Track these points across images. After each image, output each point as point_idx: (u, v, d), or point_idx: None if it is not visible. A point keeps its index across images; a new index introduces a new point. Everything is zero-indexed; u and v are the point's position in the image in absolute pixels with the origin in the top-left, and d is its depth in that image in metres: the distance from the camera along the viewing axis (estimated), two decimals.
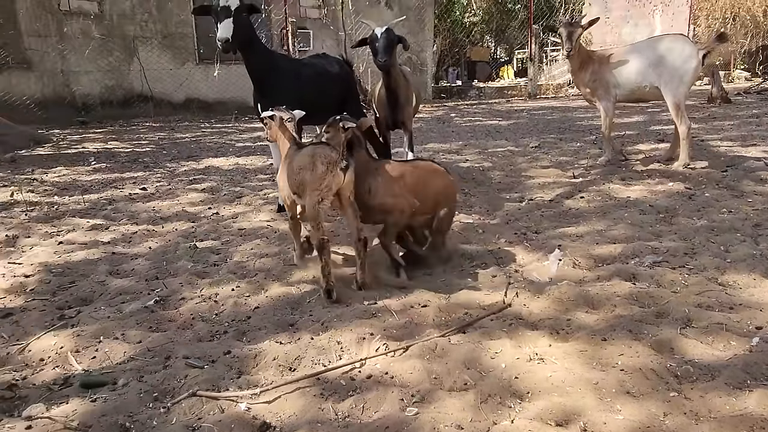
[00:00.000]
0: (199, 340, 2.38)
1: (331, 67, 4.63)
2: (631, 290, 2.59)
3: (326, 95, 4.40)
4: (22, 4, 12.25)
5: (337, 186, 2.73)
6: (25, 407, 1.88)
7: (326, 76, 4.48)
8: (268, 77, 4.05)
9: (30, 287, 3.02)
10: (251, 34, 3.96)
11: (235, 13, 3.73)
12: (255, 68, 4.05)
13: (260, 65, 4.04)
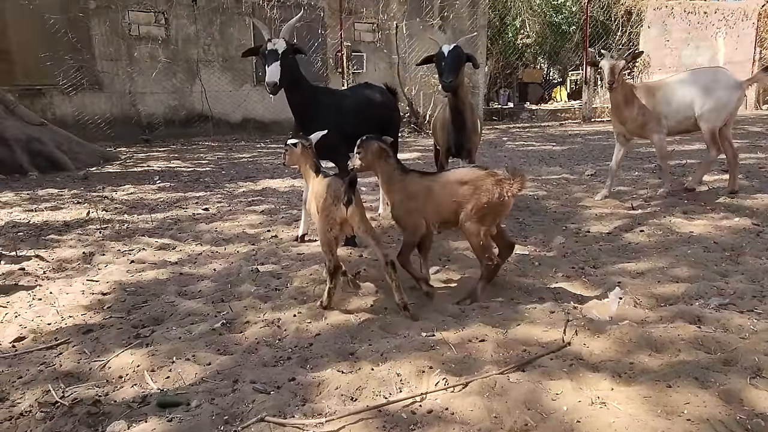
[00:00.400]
0: (264, 365, 2.48)
1: (373, 96, 4.69)
2: (696, 334, 2.53)
3: (368, 124, 4.45)
4: (97, 30, 13.08)
5: (341, 219, 2.89)
6: (108, 423, 2.02)
7: (368, 106, 4.52)
8: (309, 112, 4.10)
9: (107, 305, 3.23)
10: (296, 75, 4.02)
11: (282, 56, 3.83)
12: (297, 104, 4.09)
13: (303, 101, 4.09)
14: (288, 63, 3.88)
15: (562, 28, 24.96)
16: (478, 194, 2.91)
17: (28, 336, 2.82)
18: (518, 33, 23.62)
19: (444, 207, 3.01)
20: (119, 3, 13.20)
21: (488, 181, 2.92)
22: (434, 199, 3.03)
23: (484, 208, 2.91)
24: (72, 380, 2.38)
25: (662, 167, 5.56)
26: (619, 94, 5.23)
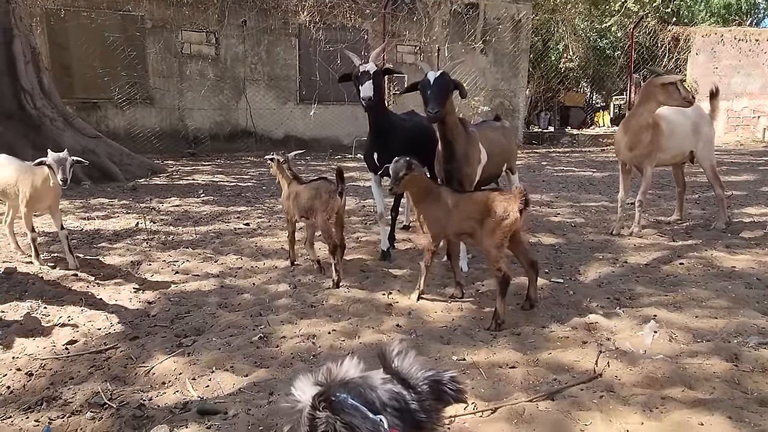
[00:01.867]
0: None
1: (421, 123, 4.88)
2: (732, 372, 2.50)
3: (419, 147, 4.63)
4: (152, 48, 13.70)
5: (337, 207, 3.86)
6: (152, 427, 2.14)
7: (419, 131, 4.71)
8: (386, 132, 4.34)
9: (153, 313, 3.39)
10: (382, 95, 4.30)
11: (373, 76, 4.10)
12: (379, 124, 4.33)
13: (383, 121, 4.33)
14: (379, 82, 4.16)
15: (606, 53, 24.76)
16: (490, 212, 3.22)
17: (80, 339, 3.00)
18: (561, 57, 23.53)
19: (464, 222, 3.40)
20: (173, 23, 13.80)
21: (498, 200, 3.24)
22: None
23: (495, 224, 3.19)
24: (119, 383, 2.52)
25: (642, 201, 5.34)
26: (651, 116, 5.06)
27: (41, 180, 3.95)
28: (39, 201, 4.07)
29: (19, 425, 2.17)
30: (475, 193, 3.54)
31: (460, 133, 3.99)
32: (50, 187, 3.98)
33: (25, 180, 4.01)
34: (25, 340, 2.97)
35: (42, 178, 3.95)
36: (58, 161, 3.75)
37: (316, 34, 14.42)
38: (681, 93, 4.85)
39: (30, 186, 3.98)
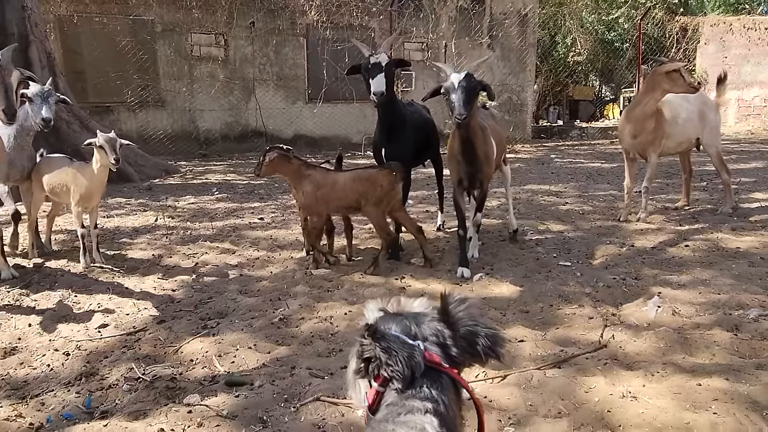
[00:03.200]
0: (319, 355, 2.72)
1: (425, 114, 4.94)
2: (731, 340, 2.61)
3: (425, 140, 4.72)
4: (162, 51, 13.92)
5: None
6: (185, 396, 2.30)
7: (425, 123, 4.76)
8: (395, 126, 4.23)
9: (177, 300, 3.56)
10: (393, 87, 4.14)
11: (385, 68, 3.92)
12: (389, 118, 4.18)
13: (394, 116, 4.19)
14: (391, 75, 4.02)
15: (614, 45, 24.69)
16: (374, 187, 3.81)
17: (110, 323, 3.17)
18: (569, 50, 23.50)
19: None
20: (183, 26, 14.01)
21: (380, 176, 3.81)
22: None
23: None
24: (150, 361, 2.68)
25: (648, 188, 5.47)
26: (654, 105, 5.12)
27: (91, 178, 4.06)
28: (88, 199, 4.17)
29: (62, 397, 2.34)
30: (356, 171, 4.06)
31: (479, 132, 3.80)
32: (98, 184, 4.11)
33: (77, 178, 4.12)
34: (60, 325, 3.14)
35: (91, 176, 4.06)
36: (109, 141, 3.81)
37: (323, 33, 14.57)
38: (685, 80, 4.94)
39: (82, 184, 4.09)
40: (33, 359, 2.72)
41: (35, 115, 3.94)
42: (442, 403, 1.00)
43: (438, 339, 1.08)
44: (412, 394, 1.00)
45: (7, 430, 2.11)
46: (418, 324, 1.10)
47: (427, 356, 1.05)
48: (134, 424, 2.09)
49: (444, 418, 0.97)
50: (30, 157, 4.36)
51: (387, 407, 1.00)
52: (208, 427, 2.07)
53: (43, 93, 3.94)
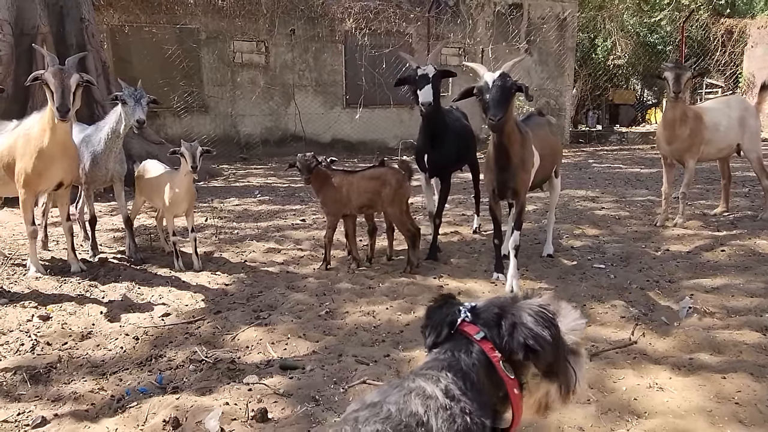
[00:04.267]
0: (363, 344, 2.93)
1: (464, 120, 5.09)
2: (760, 340, 2.71)
3: (466, 147, 4.90)
4: (206, 59, 14.48)
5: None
6: (244, 376, 2.55)
7: (463, 128, 4.90)
8: (439, 134, 4.31)
9: (230, 293, 3.84)
10: (439, 97, 4.24)
11: (432, 79, 4.05)
12: (433, 126, 4.27)
13: (438, 122, 4.28)
14: (437, 85, 4.16)
15: (657, 49, 24.24)
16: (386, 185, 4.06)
17: (172, 313, 3.46)
18: (609, 54, 23.20)
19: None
20: (226, 34, 14.53)
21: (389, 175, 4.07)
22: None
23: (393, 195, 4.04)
24: (210, 346, 2.95)
25: (686, 194, 5.51)
26: (678, 110, 5.16)
27: (178, 184, 4.31)
28: (178, 205, 4.41)
29: (137, 375, 2.63)
30: (366, 171, 4.32)
31: (516, 137, 3.62)
32: (185, 191, 4.33)
33: (167, 185, 4.36)
34: (127, 314, 3.45)
35: (179, 183, 4.30)
36: (189, 149, 4.12)
37: (361, 39, 14.87)
38: (670, 87, 5.04)
39: (170, 191, 4.32)
40: (107, 342, 3.02)
41: (129, 117, 4.11)
42: (465, 364, 1.12)
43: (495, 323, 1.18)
44: (443, 356, 1.15)
45: (92, 401, 2.39)
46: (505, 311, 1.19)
47: (462, 325, 1.19)
48: (202, 398, 2.35)
49: (464, 378, 1.10)
50: (119, 160, 4.50)
51: (423, 363, 1.19)
52: (266, 402, 2.30)
53: (135, 94, 4.10)
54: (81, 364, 2.75)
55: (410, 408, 1.01)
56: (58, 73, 3.72)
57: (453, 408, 1.05)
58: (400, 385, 1.09)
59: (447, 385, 1.09)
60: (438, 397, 1.05)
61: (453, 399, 1.07)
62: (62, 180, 4.13)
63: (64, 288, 3.95)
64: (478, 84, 3.47)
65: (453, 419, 1.03)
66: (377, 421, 0.97)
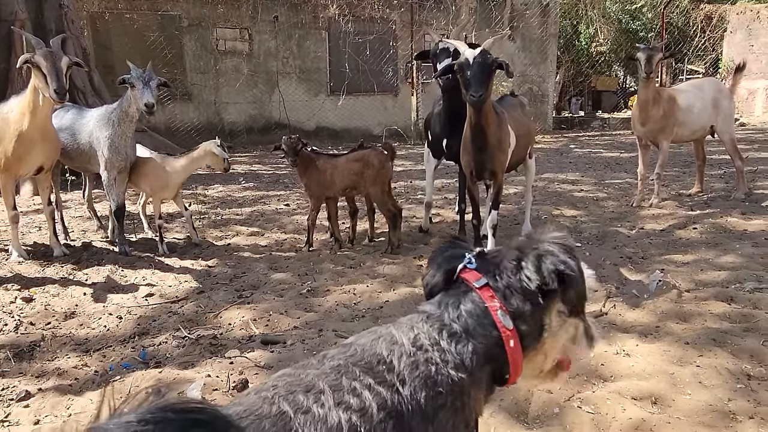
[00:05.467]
0: (343, 320, 3.00)
1: None
2: (725, 310, 2.82)
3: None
4: (189, 46, 14.34)
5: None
6: (226, 351, 2.61)
7: None
8: (460, 115, 3.97)
9: (213, 274, 3.88)
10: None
11: (453, 52, 3.92)
12: (456, 106, 4.04)
13: (459, 103, 3.91)
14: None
15: (639, 35, 24.41)
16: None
17: (155, 293, 3.50)
18: (592, 40, 23.32)
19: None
20: (209, 21, 14.39)
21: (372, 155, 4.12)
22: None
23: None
24: (193, 324, 3.00)
25: (660, 174, 5.64)
26: (651, 91, 5.28)
27: (165, 170, 4.41)
28: (171, 190, 4.53)
29: (120, 351, 2.67)
30: (350, 153, 4.36)
31: (493, 117, 3.63)
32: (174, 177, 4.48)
33: (153, 170, 4.47)
34: (111, 295, 3.49)
35: (166, 168, 4.43)
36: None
37: (345, 26, 14.81)
38: (642, 67, 5.17)
39: (157, 176, 4.43)
40: (90, 322, 3.06)
41: (138, 101, 4.00)
42: (450, 315, 1.09)
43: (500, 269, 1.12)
44: (433, 304, 1.13)
45: (75, 376, 2.44)
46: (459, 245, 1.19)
47: (463, 272, 1.13)
48: (185, 371, 2.40)
49: (447, 330, 1.07)
50: (133, 146, 4.44)
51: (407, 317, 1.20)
52: (248, 374, 2.37)
53: (144, 77, 3.99)
54: (64, 342, 2.79)
55: (375, 350, 1.05)
56: (49, 56, 3.68)
57: (418, 356, 1.05)
58: (374, 331, 1.12)
59: (417, 335, 1.08)
60: (404, 344, 1.06)
61: (420, 348, 1.06)
62: (42, 164, 4.12)
63: (47, 271, 3.96)
64: (459, 60, 3.47)
65: (416, 366, 1.05)
66: (341, 357, 1.02)
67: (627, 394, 2.05)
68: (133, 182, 4.70)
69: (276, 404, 0.87)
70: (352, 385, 0.95)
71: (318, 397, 0.90)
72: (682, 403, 1.96)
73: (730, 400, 1.97)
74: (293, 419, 0.85)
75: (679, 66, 18.28)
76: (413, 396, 0.99)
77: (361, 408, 0.91)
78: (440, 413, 1.03)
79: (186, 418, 0.58)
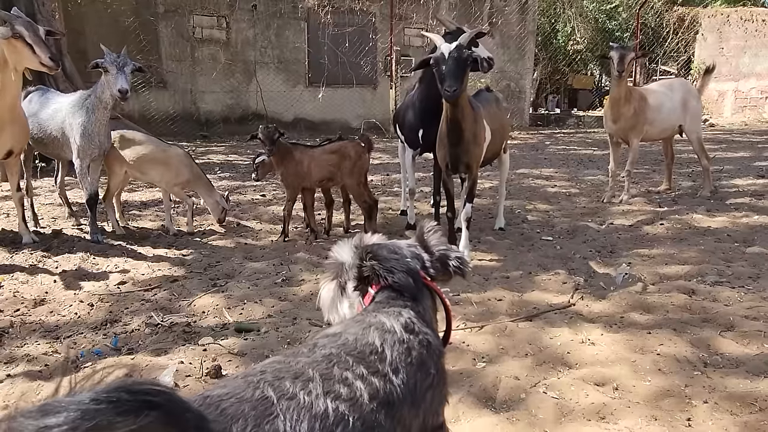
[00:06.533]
0: (318, 309, 3.01)
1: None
2: (686, 301, 2.93)
3: None
4: (165, 33, 14.09)
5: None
6: (200, 338, 2.61)
7: None
8: (438, 106, 3.90)
9: (188, 263, 3.86)
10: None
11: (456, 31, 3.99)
12: (433, 99, 3.99)
13: (438, 96, 3.77)
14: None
15: (615, 35, 24.78)
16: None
17: (128, 281, 3.48)
18: (569, 39, 23.60)
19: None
20: (185, 8, 14.15)
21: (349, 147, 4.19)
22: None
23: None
24: (166, 312, 2.99)
25: (630, 171, 5.80)
26: (623, 89, 5.39)
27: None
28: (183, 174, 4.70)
29: (92, 338, 2.66)
30: (327, 145, 4.40)
31: (469, 112, 3.67)
32: None
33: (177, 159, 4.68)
34: (82, 282, 3.45)
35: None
36: None
37: (324, 17, 14.73)
38: (615, 66, 5.28)
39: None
40: (61, 309, 3.03)
41: (112, 86, 3.87)
42: (421, 305, 1.28)
43: (418, 260, 1.37)
44: (398, 296, 1.28)
45: (46, 363, 2.42)
46: (400, 248, 1.39)
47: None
48: (157, 358, 2.41)
49: (421, 315, 1.25)
50: (107, 134, 4.28)
51: (375, 304, 1.29)
52: (221, 361, 2.38)
53: (118, 62, 3.85)
54: (34, 329, 2.76)
55: (367, 339, 1.10)
56: (29, 26, 3.58)
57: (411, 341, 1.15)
58: (362, 320, 1.18)
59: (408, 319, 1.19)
60: (396, 331, 1.14)
61: (412, 332, 1.17)
62: (12, 148, 4.03)
63: (16, 259, 3.90)
64: (434, 55, 3.48)
65: (409, 351, 1.12)
66: (333, 346, 1.05)
67: (590, 380, 2.13)
68: (138, 171, 4.62)
69: (260, 389, 0.88)
70: (344, 375, 0.98)
71: (306, 385, 0.92)
72: (641, 389, 2.05)
73: (687, 386, 2.06)
74: (275, 404, 0.86)
75: (652, 66, 18.63)
76: (405, 383, 1.04)
77: (351, 398, 0.94)
78: (428, 394, 1.10)
79: (139, 399, 0.59)
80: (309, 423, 0.86)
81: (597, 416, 1.91)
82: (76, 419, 0.56)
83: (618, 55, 5.23)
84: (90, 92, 4.21)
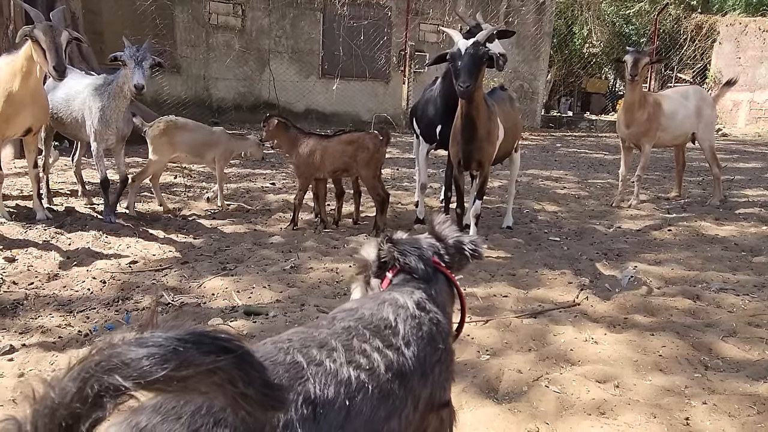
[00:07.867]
0: (325, 296, 3.07)
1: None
2: (690, 306, 2.96)
3: None
4: (180, 18, 14.13)
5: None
6: (209, 319, 2.67)
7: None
8: (456, 104, 3.89)
9: (198, 246, 3.92)
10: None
11: (474, 27, 4.14)
12: (454, 95, 3.83)
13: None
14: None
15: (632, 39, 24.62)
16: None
17: (139, 261, 3.54)
18: (585, 42, 23.47)
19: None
20: None
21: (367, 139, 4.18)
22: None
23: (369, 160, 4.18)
24: (176, 293, 3.05)
25: (641, 177, 5.80)
26: (637, 94, 5.40)
27: None
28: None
29: (104, 314, 2.71)
30: (344, 135, 4.37)
31: (484, 109, 3.68)
32: None
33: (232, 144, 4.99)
34: (95, 260, 3.51)
35: None
36: None
37: (340, 9, 14.72)
38: (629, 70, 5.28)
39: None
40: (74, 284, 3.09)
41: (128, 80, 3.91)
42: (434, 288, 1.33)
43: (434, 249, 1.42)
44: (412, 279, 1.33)
45: (59, 335, 2.48)
46: (418, 240, 1.43)
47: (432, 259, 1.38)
48: None
49: (433, 297, 1.30)
50: (126, 120, 4.35)
51: (391, 286, 1.34)
52: None
53: (137, 57, 3.88)
54: (48, 303, 2.83)
55: (382, 314, 1.16)
56: (48, 31, 3.64)
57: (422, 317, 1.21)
58: (377, 296, 1.25)
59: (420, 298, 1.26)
60: (409, 307, 1.20)
61: (423, 309, 1.23)
62: (31, 126, 4.10)
63: (30, 234, 3.96)
64: (451, 50, 3.52)
65: (420, 326, 1.18)
66: (351, 320, 1.12)
67: (592, 377, 2.17)
68: (191, 154, 4.91)
69: (290, 354, 0.96)
70: (362, 346, 1.05)
71: (330, 353, 0.99)
72: (642, 388, 2.08)
73: (687, 387, 2.10)
74: (306, 369, 0.94)
75: (668, 73, 18.53)
76: (416, 356, 1.12)
77: (370, 368, 1.02)
78: (436, 368, 1.17)
79: (218, 344, 0.67)
80: (335, 388, 0.93)
81: (597, 411, 1.95)
82: (168, 352, 0.64)
83: (632, 59, 5.23)
84: (113, 78, 4.26)
